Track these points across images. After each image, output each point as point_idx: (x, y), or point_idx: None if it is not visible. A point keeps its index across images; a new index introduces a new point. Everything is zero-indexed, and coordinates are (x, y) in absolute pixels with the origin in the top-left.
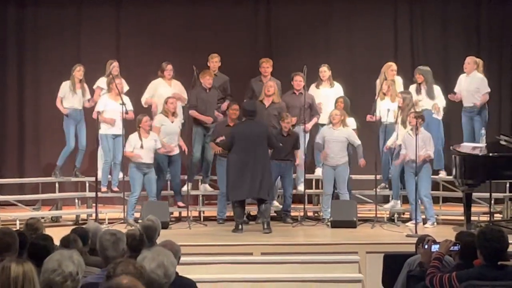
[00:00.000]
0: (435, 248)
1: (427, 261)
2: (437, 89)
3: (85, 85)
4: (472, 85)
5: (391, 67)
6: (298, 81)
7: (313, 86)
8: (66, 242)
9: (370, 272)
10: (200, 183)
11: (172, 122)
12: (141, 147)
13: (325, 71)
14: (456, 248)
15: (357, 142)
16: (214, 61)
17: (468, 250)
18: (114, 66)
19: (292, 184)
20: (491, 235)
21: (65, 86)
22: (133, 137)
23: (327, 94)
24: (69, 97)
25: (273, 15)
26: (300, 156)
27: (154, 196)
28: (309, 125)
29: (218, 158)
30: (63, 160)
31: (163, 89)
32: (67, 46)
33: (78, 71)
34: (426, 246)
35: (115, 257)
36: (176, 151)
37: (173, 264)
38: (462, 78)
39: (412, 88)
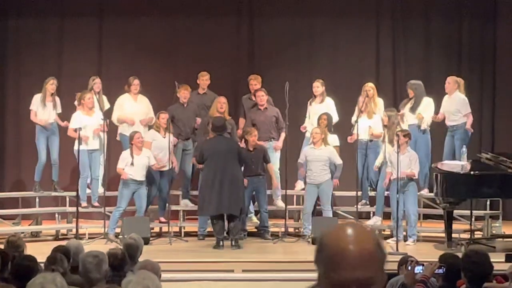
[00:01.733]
0: (418, 269)
1: (410, 283)
2: (427, 101)
3: (57, 98)
4: (453, 106)
5: (365, 86)
6: (260, 96)
7: (308, 103)
8: (53, 261)
9: None
10: (180, 198)
11: (164, 137)
12: (132, 164)
13: (317, 86)
14: (441, 271)
15: (338, 161)
16: (204, 79)
17: (452, 272)
18: (96, 83)
19: (267, 199)
20: (476, 258)
21: (37, 98)
22: (125, 153)
23: (317, 110)
24: (40, 110)
25: (255, 30)
26: (275, 172)
27: (144, 212)
28: (279, 143)
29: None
30: (39, 174)
31: (128, 103)
32: (49, 59)
33: (51, 85)
34: (409, 268)
35: (98, 279)
36: (168, 166)
37: (158, 287)
38: (445, 98)
39: (404, 103)
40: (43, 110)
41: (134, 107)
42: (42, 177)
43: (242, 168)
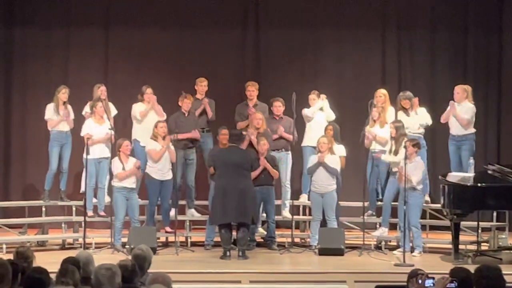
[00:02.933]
0: (428, 283)
1: None
2: (421, 111)
3: (69, 107)
4: (462, 114)
5: (377, 92)
6: (277, 106)
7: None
8: (64, 273)
9: None
10: (186, 208)
11: (162, 146)
12: (123, 169)
13: (314, 99)
14: (452, 285)
15: (336, 166)
16: (203, 85)
17: (463, 287)
18: (102, 90)
19: (274, 209)
20: (488, 273)
21: (50, 108)
22: (116, 160)
23: (317, 120)
24: (54, 119)
25: (261, 41)
26: (284, 185)
27: (137, 221)
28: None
29: (211, 182)
30: (50, 183)
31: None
32: (55, 69)
33: (64, 94)
34: (420, 281)
35: None
36: (169, 176)
37: None
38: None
39: (400, 115)
40: (57, 119)
41: (148, 115)
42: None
43: None
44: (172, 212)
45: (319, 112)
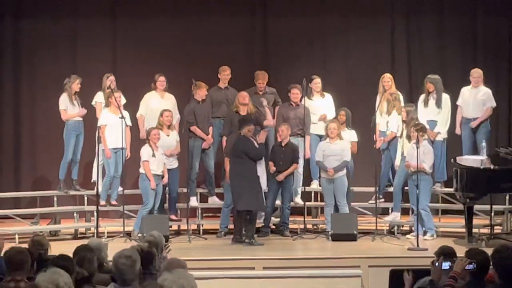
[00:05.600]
0: (445, 265)
1: (437, 278)
2: (445, 98)
3: (77, 97)
4: (478, 98)
5: (383, 78)
6: (295, 93)
7: (305, 99)
8: (82, 262)
9: (372, 286)
10: (208, 196)
11: (168, 135)
12: (154, 156)
13: (318, 82)
14: (471, 267)
15: (347, 158)
16: (226, 74)
17: (480, 268)
18: (111, 80)
19: (291, 196)
20: (507, 254)
21: (65, 98)
22: (146, 148)
23: (319, 105)
24: (70, 109)
25: (270, 28)
26: (296, 173)
27: (157, 209)
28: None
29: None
30: (64, 172)
31: (155, 101)
32: (63, 59)
33: (78, 84)
34: (437, 264)
35: (132, 279)
36: (175, 164)
37: (194, 287)
38: (465, 90)
39: (422, 98)
40: (73, 109)
41: (161, 103)
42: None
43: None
44: (193, 201)
45: (321, 99)
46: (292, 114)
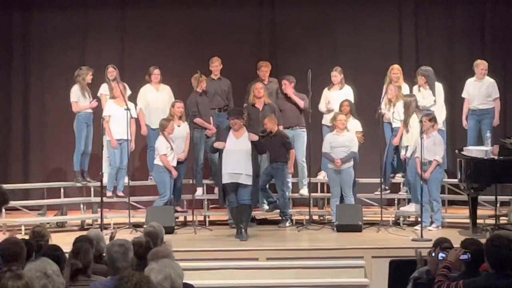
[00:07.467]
0: (441, 256)
1: (433, 269)
2: (438, 88)
3: (88, 89)
4: (483, 90)
5: (392, 70)
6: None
7: (326, 89)
8: (77, 252)
9: (376, 277)
10: (214, 187)
11: (179, 126)
12: (172, 149)
13: (336, 75)
14: (466, 256)
15: (354, 149)
16: (215, 65)
17: (475, 258)
18: (109, 72)
19: (284, 186)
20: (499, 243)
21: (77, 90)
22: (162, 141)
23: (337, 97)
24: (81, 101)
25: (277, 19)
26: (299, 162)
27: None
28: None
29: None
30: (79, 164)
31: (151, 95)
32: (72, 50)
33: (90, 76)
34: (433, 254)
35: (125, 267)
36: (184, 156)
37: (180, 276)
38: (470, 82)
39: (415, 89)
40: (84, 101)
41: (157, 96)
42: (68, 168)
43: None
44: (199, 192)
45: (339, 91)
46: (288, 106)
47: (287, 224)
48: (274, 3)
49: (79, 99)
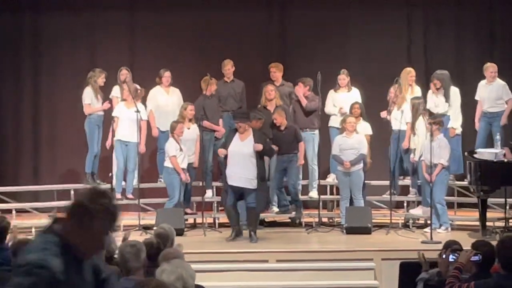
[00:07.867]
0: (452, 258)
1: (444, 270)
2: (454, 92)
3: (101, 91)
4: (493, 92)
5: (410, 73)
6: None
7: (331, 91)
8: None
9: (385, 279)
10: (213, 189)
11: (189, 128)
12: (181, 150)
13: (343, 78)
14: (477, 258)
15: (363, 151)
16: (227, 68)
17: (486, 260)
18: (123, 74)
19: (294, 176)
20: (510, 244)
21: (90, 92)
22: (172, 143)
23: (345, 99)
24: (94, 103)
25: (287, 21)
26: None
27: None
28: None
29: None
30: (91, 166)
31: (161, 97)
32: (81, 52)
33: (103, 79)
34: (444, 256)
35: (137, 268)
36: (191, 159)
37: (192, 276)
38: (482, 85)
39: (430, 93)
40: (96, 103)
41: (167, 99)
42: (78, 169)
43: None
44: (209, 194)
45: (346, 93)
46: (299, 109)
47: (276, 210)
48: (284, 5)
49: (92, 101)
